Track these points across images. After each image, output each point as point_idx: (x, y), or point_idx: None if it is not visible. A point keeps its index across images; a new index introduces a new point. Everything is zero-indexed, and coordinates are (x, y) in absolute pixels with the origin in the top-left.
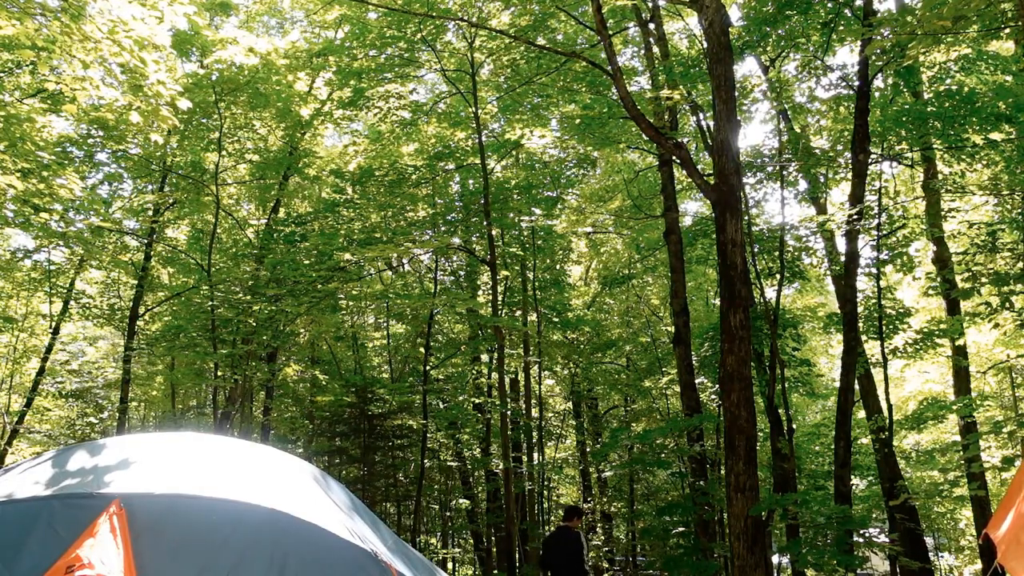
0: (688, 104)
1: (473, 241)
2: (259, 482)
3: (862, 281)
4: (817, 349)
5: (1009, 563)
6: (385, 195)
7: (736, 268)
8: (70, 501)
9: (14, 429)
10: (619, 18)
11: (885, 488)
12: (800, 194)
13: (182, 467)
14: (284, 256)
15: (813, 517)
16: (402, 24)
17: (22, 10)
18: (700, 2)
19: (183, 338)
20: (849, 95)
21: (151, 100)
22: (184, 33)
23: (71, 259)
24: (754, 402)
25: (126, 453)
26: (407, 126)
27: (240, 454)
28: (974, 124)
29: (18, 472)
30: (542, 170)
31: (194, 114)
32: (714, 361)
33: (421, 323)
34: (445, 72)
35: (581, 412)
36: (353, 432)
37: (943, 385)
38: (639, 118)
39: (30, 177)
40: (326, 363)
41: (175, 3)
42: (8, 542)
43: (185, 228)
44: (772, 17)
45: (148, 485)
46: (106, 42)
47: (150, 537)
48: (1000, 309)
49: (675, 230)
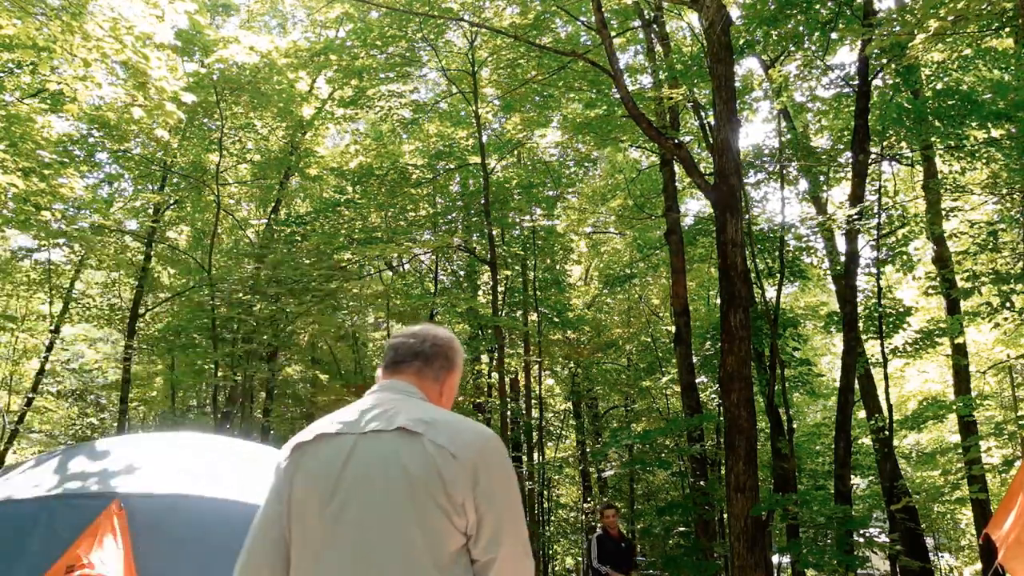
0: (689, 103)
1: (473, 241)
2: (259, 482)
3: (862, 280)
4: (818, 349)
5: (1010, 564)
6: (386, 195)
7: (736, 268)
8: (70, 501)
9: (14, 429)
10: (622, 18)
11: (885, 488)
12: (801, 193)
13: (182, 467)
14: (285, 256)
15: (813, 517)
16: (403, 23)
17: (23, 9)
18: (701, 2)
19: (183, 338)
20: (849, 94)
21: (154, 96)
22: (186, 32)
23: (71, 259)
24: (754, 402)
25: (126, 453)
26: (408, 125)
27: (240, 454)
28: (973, 122)
29: (18, 473)
30: (543, 170)
31: (195, 114)
32: (714, 361)
33: (421, 323)
34: (446, 71)
35: (581, 412)
36: None
37: (943, 385)
38: (639, 118)
39: (31, 176)
40: (326, 363)
41: (176, 1)
42: (8, 542)
43: (186, 228)
44: (772, 16)
45: (148, 485)
46: (108, 39)
47: (150, 537)
48: (1000, 309)
49: (676, 230)
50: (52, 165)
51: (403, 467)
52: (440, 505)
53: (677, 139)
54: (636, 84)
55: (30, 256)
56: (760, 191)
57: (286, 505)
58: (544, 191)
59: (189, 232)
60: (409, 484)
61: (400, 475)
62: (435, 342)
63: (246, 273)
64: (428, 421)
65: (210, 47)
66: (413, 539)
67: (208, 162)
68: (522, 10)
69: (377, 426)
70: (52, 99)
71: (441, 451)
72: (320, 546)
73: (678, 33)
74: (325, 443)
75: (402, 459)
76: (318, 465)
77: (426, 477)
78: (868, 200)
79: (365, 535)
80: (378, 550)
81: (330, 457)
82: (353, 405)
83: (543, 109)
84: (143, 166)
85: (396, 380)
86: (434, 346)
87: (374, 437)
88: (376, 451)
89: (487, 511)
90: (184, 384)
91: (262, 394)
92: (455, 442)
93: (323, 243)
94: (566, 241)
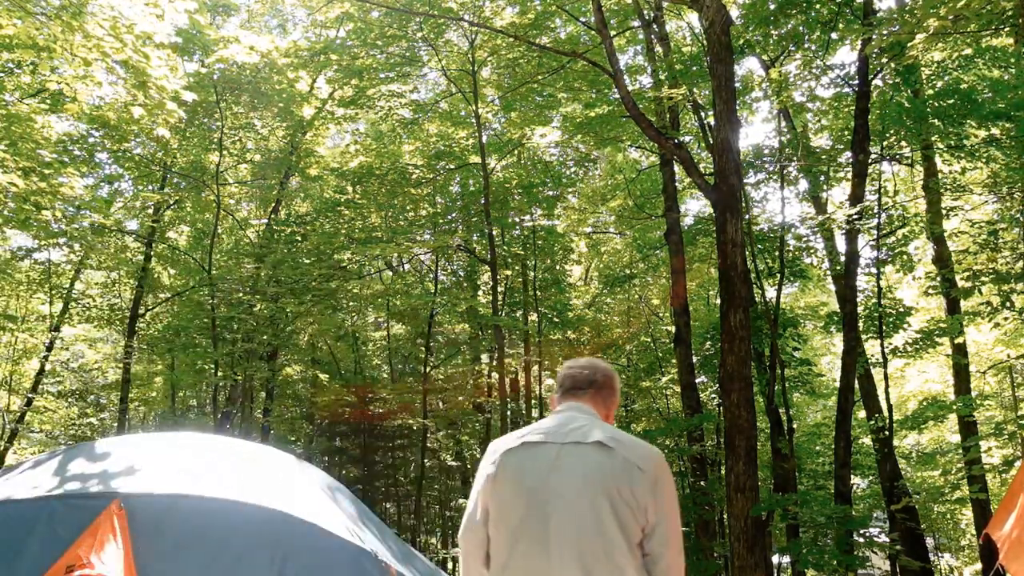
0: (689, 103)
1: (473, 241)
2: (259, 482)
3: (862, 280)
4: (818, 349)
5: (1012, 564)
6: (386, 195)
7: (736, 268)
8: (70, 501)
9: (14, 429)
10: (622, 17)
11: (885, 488)
12: (801, 193)
13: (182, 467)
14: (284, 256)
15: (813, 517)
16: (403, 23)
17: (23, 9)
18: (701, 2)
19: (183, 338)
20: (849, 94)
21: (154, 96)
22: (186, 31)
23: (71, 259)
24: (754, 402)
25: (126, 453)
26: (408, 125)
27: (240, 454)
28: (973, 122)
29: (18, 473)
30: (543, 170)
31: (195, 114)
32: (714, 361)
33: (421, 323)
34: (446, 71)
35: None
36: (353, 432)
37: (943, 385)
38: (639, 118)
39: (31, 176)
40: (326, 363)
41: (176, 0)
42: (8, 542)
43: (186, 228)
44: (773, 16)
45: (148, 485)
46: (108, 38)
47: (150, 537)
48: (1000, 308)
49: (676, 230)
50: (52, 164)
51: (602, 474)
52: (629, 505)
53: (677, 139)
54: (636, 84)
55: (30, 256)
56: (760, 191)
57: (496, 501)
58: (544, 191)
59: (189, 232)
60: (606, 487)
61: (599, 479)
62: (605, 374)
63: (246, 273)
64: (617, 439)
65: (210, 47)
66: (610, 528)
67: (208, 162)
68: (522, 10)
69: (576, 438)
70: (52, 99)
71: (630, 464)
72: (531, 535)
73: (678, 33)
74: (531, 449)
75: (601, 467)
76: (530, 466)
77: (619, 483)
78: (868, 200)
79: (573, 524)
80: (584, 537)
81: (539, 460)
82: (547, 419)
83: (543, 109)
84: (143, 166)
85: (578, 403)
86: (604, 377)
87: (574, 447)
88: (579, 459)
89: (661, 515)
90: (184, 384)
91: (262, 394)
92: (642, 458)
93: (323, 243)
94: (566, 241)
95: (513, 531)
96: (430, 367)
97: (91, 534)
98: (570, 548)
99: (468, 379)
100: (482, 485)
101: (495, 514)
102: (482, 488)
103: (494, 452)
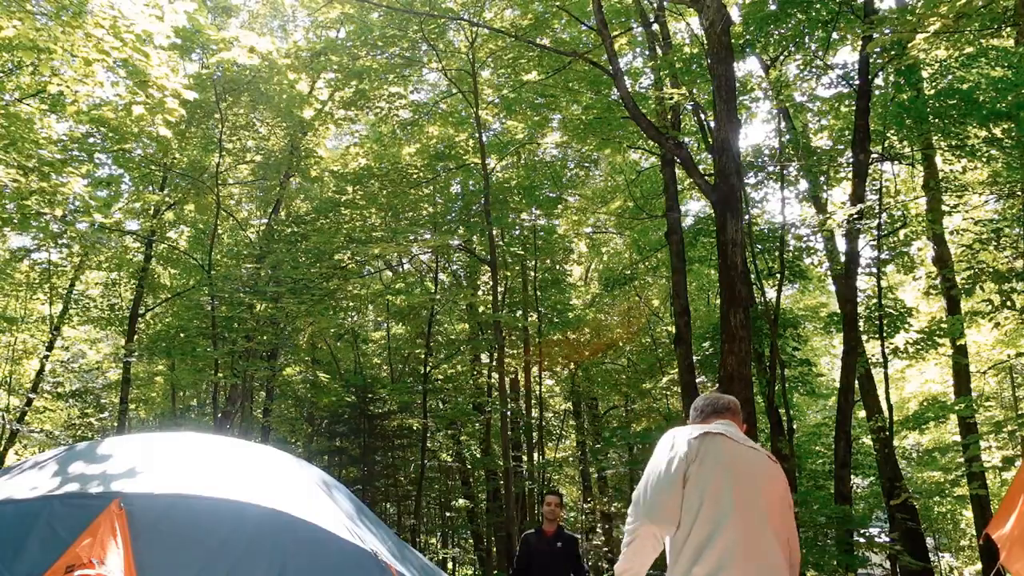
0: (689, 103)
1: (473, 241)
2: (259, 482)
3: (863, 281)
4: (818, 349)
5: (1013, 565)
6: (387, 196)
7: (736, 268)
8: (70, 501)
9: (14, 429)
10: (623, 18)
11: (885, 488)
12: (801, 194)
13: (182, 467)
14: (284, 256)
15: (813, 517)
16: (404, 24)
17: (23, 9)
18: (701, 2)
19: (183, 338)
20: (850, 94)
21: (155, 94)
22: (186, 31)
23: (71, 259)
24: (754, 402)
25: (126, 453)
26: (408, 126)
27: (240, 454)
28: (974, 121)
29: (18, 472)
30: (543, 170)
31: (195, 114)
32: (714, 361)
33: (421, 323)
34: (447, 72)
35: (581, 412)
36: (353, 432)
37: (943, 385)
38: (639, 118)
39: (31, 175)
40: (326, 363)
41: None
42: (8, 542)
43: (186, 228)
44: (773, 16)
45: (148, 485)
46: (108, 37)
47: (150, 537)
48: (1001, 308)
49: (677, 230)
50: (53, 163)
51: (770, 475)
52: (787, 502)
53: (677, 139)
54: (637, 86)
55: (29, 256)
56: (760, 191)
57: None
58: (544, 192)
59: (189, 232)
60: (774, 485)
61: (771, 478)
62: (735, 401)
63: (246, 273)
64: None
65: (210, 46)
66: (783, 517)
67: (208, 162)
68: (522, 11)
69: (742, 439)
70: (52, 100)
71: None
72: (722, 514)
73: (678, 34)
74: (717, 439)
75: (769, 469)
76: (724, 453)
77: (784, 483)
78: (868, 200)
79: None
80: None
81: (729, 451)
82: (708, 424)
83: (543, 109)
84: (143, 166)
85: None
86: (732, 403)
87: (745, 447)
88: (754, 458)
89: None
90: (184, 384)
91: (262, 394)
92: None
93: (323, 243)
94: (567, 241)
95: (721, 504)
96: (430, 367)
97: (91, 534)
98: (771, 525)
99: (468, 379)
100: (673, 464)
101: (700, 488)
102: (672, 467)
103: (689, 437)
